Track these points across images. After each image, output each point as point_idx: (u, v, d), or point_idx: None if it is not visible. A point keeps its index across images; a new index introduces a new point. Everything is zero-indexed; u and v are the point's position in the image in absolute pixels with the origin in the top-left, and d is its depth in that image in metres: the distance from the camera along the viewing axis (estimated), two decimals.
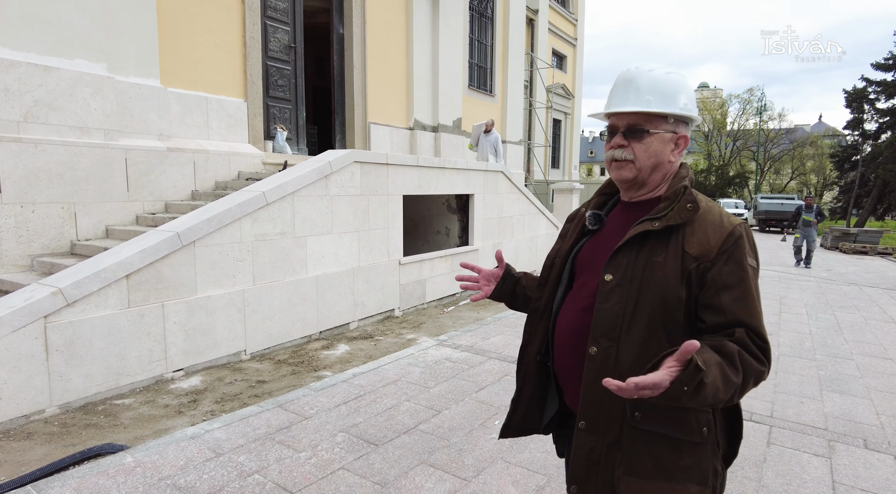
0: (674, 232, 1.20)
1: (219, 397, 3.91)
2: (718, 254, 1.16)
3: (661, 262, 1.18)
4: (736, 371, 1.07)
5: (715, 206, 1.26)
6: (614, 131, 1.29)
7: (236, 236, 4.63)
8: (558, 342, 1.36)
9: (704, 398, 1.02)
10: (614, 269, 1.23)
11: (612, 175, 1.32)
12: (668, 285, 1.17)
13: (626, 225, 1.29)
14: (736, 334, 1.12)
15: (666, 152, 1.27)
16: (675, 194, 1.25)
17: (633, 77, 1.28)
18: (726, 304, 1.14)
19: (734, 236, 1.18)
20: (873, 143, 28.72)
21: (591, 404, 1.23)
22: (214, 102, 6.57)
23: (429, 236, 8.69)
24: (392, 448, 3.07)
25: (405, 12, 9.84)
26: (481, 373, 4.38)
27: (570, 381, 1.34)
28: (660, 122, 1.25)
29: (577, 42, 20.79)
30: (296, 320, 5.21)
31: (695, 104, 1.32)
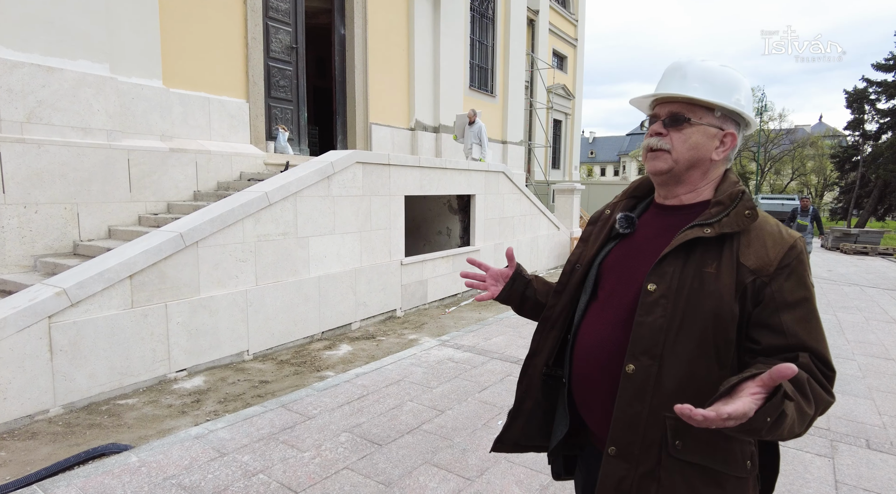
0: (727, 241, 1.09)
1: (222, 397, 3.92)
2: (779, 268, 1.05)
3: (713, 273, 1.07)
4: (808, 402, 0.95)
5: (771, 217, 1.14)
6: (655, 120, 1.20)
7: (239, 236, 4.64)
8: (581, 357, 1.23)
9: (780, 432, 0.91)
10: (659, 278, 1.10)
11: (647, 167, 1.22)
12: (722, 298, 1.05)
13: (664, 231, 1.18)
14: (800, 359, 1.01)
15: (708, 148, 1.16)
16: (731, 198, 1.13)
17: (683, 65, 1.19)
18: (788, 325, 1.03)
19: (796, 250, 1.07)
20: (874, 143, 28.75)
21: (626, 428, 1.10)
22: (216, 102, 6.58)
23: (430, 236, 8.69)
24: (395, 447, 3.08)
25: (406, 13, 9.86)
26: (483, 373, 4.38)
27: (594, 400, 1.21)
28: (704, 113, 1.15)
29: (578, 43, 20.80)
30: (298, 320, 5.22)
31: (752, 107, 1.20)
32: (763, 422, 0.86)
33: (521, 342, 5.31)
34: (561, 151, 21.09)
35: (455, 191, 7.58)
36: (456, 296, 7.70)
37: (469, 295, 7.90)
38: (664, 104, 1.19)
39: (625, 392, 1.10)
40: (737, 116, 1.17)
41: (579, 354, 1.23)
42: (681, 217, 1.18)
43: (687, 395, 1.04)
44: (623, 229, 1.26)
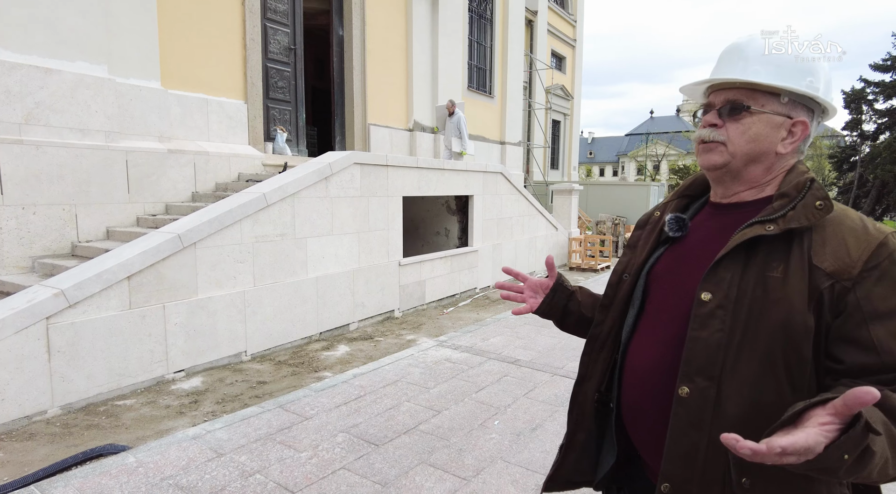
0: (795, 238, 0.93)
1: (220, 397, 3.94)
2: (865, 270, 0.87)
3: (780, 278, 0.91)
4: None
5: (852, 209, 0.97)
6: (709, 109, 1.05)
7: (237, 237, 4.65)
8: (630, 380, 1.09)
9: (868, 473, 0.74)
10: (714, 286, 0.95)
11: (700, 161, 1.06)
12: (792, 308, 0.89)
13: (721, 232, 1.02)
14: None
15: (773, 140, 1.00)
16: (797, 188, 0.97)
17: (742, 45, 1.03)
18: (880, 339, 0.85)
19: (888, 247, 0.89)
20: (872, 143, 28.82)
21: (681, 461, 0.95)
22: (214, 103, 6.59)
23: (428, 237, 8.71)
24: (392, 448, 3.09)
25: (405, 14, 9.88)
26: (481, 374, 4.40)
27: (645, 429, 1.07)
28: (768, 100, 0.99)
29: (577, 43, 20.83)
30: (296, 321, 5.23)
31: (830, 90, 1.03)
32: (839, 460, 0.70)
33: (519, 343, 5.32)
34: (560, 151, 21.12)
35: (453, 192, 7.60)
36: (454, 297, 7.72)
37: (467, 296, 7.92)
38: (720, 91, 1.04)
39: (678, 420, 0.95)
40: (809, 102, 1.00)
41: (628, 377, 1.09)
42: (740, 216, 1.02)
43: (753, 423, 0.88)
44: (673, 232, 1.10)
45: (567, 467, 1.21)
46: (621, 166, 67.62)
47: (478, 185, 8.11)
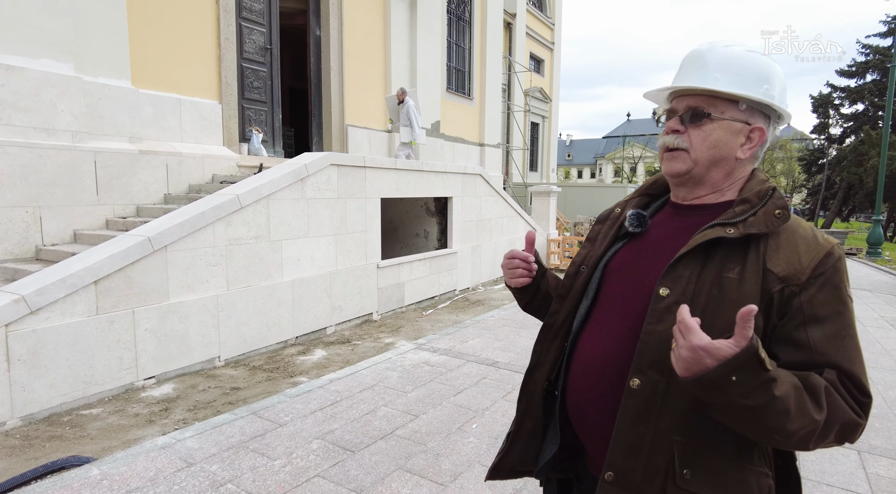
0: (752, 243, 0.97)
1: (191, 405, 3.83)
2: (812, 277, 0.92)
3: (735, 279, 0.94)
4: (818, 407, 0.84)
5: (803, 220, 1.03)
6: (672, 116, 1.08)
7: (210, 240, 4.55)
8: (579, 369, 1.11)
9: (768, 416, 0.82)
10: (673, 282, 0.98)
11: (664, 168, 1.10)
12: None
13: (681, 231, 1.06)
14: (825, 374, 0.89)
15: (732, 145, 1.03)
16: (759, 196, 1.01)
17: (703, 53, 1.06)
18: (815, 340, 0.91)
19: (833, 257, 0.94)
20: (838, 147, 29.67)
21: (627, 451, 0.97)
22: (188, 103, 6.45)
23: (407, 238, 8.66)
24: (368, 454, 3.04)
25: (383, 15, 9.82)
26: (459, 377, 4.37)
27: (591, 419, 1.09)
28: (728, 107, 1.03)
29: (555, 46, 21.01)
30: (271, 325, 5.14)
31: (785, 97, 1.07)
32: (725, 378, 0.79)
33: (498, 345, 5.31)
34: (538, 153, 21.26)
35: (432, 193, 7.56)
36: (433, 299, 7.68)
37: (446, 297, 7.89)
38: (682, 97, 1.07)
39: (627, 411, 0.97)
40: (766, 108, 1.05)
41: (576, 366, 1.11)
42: (700, 217, 1.06)
43: (699, 416, 0.93)
44: (633, 227, 1.13)
45: (513, 455, 1.22)
46: (599, 168, 68.43)
47: (457, 186, 8.10)
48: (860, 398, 0.89)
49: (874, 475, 2.96)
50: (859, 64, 27.89)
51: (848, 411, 0.87)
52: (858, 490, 2.80)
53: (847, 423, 0.87)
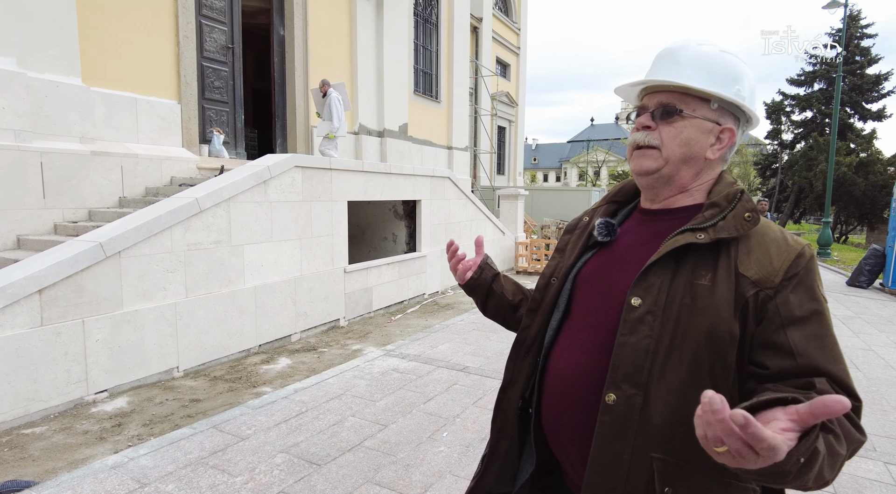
0: (723, 248, 0.94)
1: (147, 419, 3.63)
2: (785, 279, 0.90)
3: (708, 286, 0.91)
4: (839, 440, 0.76)
5: (773, 222, 1.01)
6: (643, 112, 1.05)
7: (167, 245, 4.34)
8: (552, 385, 1.06)
9: (807, 479, 0.72)
10: (644, 291, 0.94)
11: (632, 166, 1.06)
12: (719, 316, 0.89)
13: (650, 238, 1.03)
14: (817, 385, 0.83)
15: (703, 145, 1.01)
16: (728, 199, 0.99)
17: (676, 49, 1.04)
18: (797, 343, 0.87)
19: (805, 257, 0.92)
20: (790, 152, 31.01)
21: (605, 471, 0.93)
22: (144, 103, 6.18)
23: (375, 242, 8.54)
24: (335, 467, 2.93)
25: (349, 16, 9.68)
26: (429, 383, 4.29)
27: (567, 436, 1.04)
28: (699, 105, 1.00)
29: (521, 51, 21.21)
30: (233, 333, 4.95)
31: (754, 100, 1.05)
32: (795, 464, 0.66)
33: (468, 349, 5.26)
34: (505, 157, 21.41)
35: (400, 196, 7.47)
36: (402, 303, 7.58)
37: (416, 302, 7.80)
38: (654, 94, 1.04)
39: (604, 427, 0.93)
40: (736, 110, 1.03)
41: (550, 382, 1.06)
42: (669, 223, 1.03)
43: (678, 432, 0.89)
44: (602, 236, 1.10)
45: (489, 478, 1.16)
46: (564, 172, 69.54)
47: (426, 189, 8.03)
48: (854, 403, 0.84)
49: None
50: (808, 74, 29.24)
51: (855, 433, 0.80)
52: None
53: (856, 447, 0.81)
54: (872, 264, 9.75)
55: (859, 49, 27.45)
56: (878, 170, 24.49)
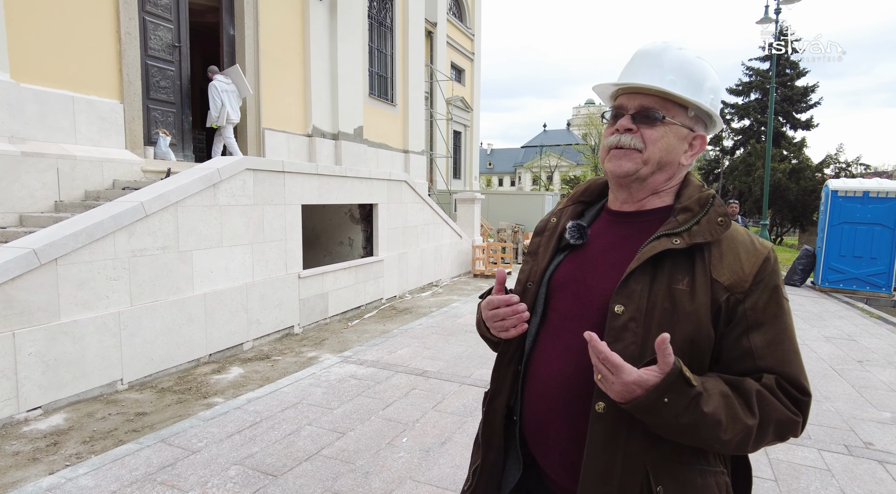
0: (697, 252, 0.96)
1: (87, 436, 3.42)
2: (754, 283, 0.93)
3: (686, 291, 0.93)
4: (750, 413, 0.87)
5: (738, 225, 1.03)
6: (621, 113, 1.04)
7: (110, 251, 4.12)
8: (534, 391, 1.06)
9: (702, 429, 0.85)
10: (626, 298, 0.95)
11: (610, 167, 1.05)
12: (700, 322, 0.92)
13: (622, 241, 1.05)
14: (763, 378, 0.91)
15: (679, 151, 1.03)
16: (700, 203, 1.00)
17: (658, 51, 1.03)
18: (757, 346, 0.92)
19: (771, 262, 0.96)
20: (730, 158, 32.69)
21: (599, 479, 0.93)
22: (83, 102, 5.86)
23: (331, 247, 8.40)
24: (292, 477, 2.85)
25: (301, 17, 9.52)
26: (388, 389, 4.25)
27: (551, 443, 1.04)
28: (678, 111, 1.02)
29: (475, 56, 21.44)
30: (181, 342, 4.74)
31: (719, 106, 1.08)
32: (658, 402, 0.83)
33: (427, 353, 5.25)
34: (461, 161, 21.54)
35: (357, 200, 7.38)
36: (359, 308, 7.48)
37: (373, 307, 7.72)
38: (633, 96, 1.03)
39: (595, 436, 0.94)
40: (707, 118, 1.06)
41: (532, 387, 1.06)
42: (640, 225, 1.05)
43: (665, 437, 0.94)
44: (574, 239, 1.10)
45: (479, 490, 1.15)
46: (518, 177, 70.68)
47: (382, 193, 7.97)
48: (798, 396, 0.92)
49: (776, 460, 3.20)
50: (745, 84, 30.90)
51: (782, 410, 0.90)
52: (763, 476, 3.00)
53: (782, 421, 0.90)
54: (805, 264, 10.38)
55: (789, 62, 29.24)
56: (808, 176, 26.17)
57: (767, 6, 15.04)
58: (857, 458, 3.24)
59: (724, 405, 0.86)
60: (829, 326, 6.92)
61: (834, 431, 3.63)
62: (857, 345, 6.00)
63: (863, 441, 3.49)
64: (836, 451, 3.32)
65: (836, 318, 7.47)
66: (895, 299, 9.18)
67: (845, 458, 3.23)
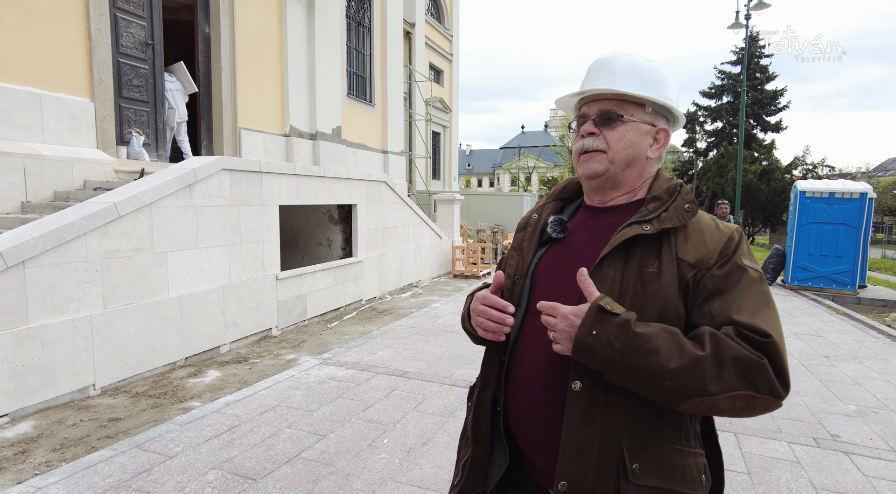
0: (665, 238, 1.02)
1: (58, 443, 3.33)
2: (718, 260, 1.00)
3: (655, 273, 1.00)
4: (698, 345, 0.90)
5: (706, 213, 1.10)
6: (584, 120, 1.13)
7: (81, 253, 4.02)
8: (518, 381, 1.10)
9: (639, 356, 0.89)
10: (600, 282, 1.01)
11: (581, 170, 1.13)
12: (667, 299, 0.98)
13: (600, 233, 1.10)
14: (722, 330, 0.94)
15: (643, 146, 1.10)
16: (668, 192, 1.07)
17: (609, 59, 1.12)
18: (715, 308, 0.96)
19: (734, 240, 1.02)
20: (704, 159, 33.40)
21: (577, 456, 0.97)
22: (51, 100, 5.70)
23: (309, 248, 8.32)
24: (272, 480, 2.82)
25: (279, 16, 9.42)
26: (368, 390, 4.24)
27: (532, 428, 1.08)
28: (636, 109, 1.09)
29: (453, 57, 21.48)
30: (157, 346, 4.65)
31: (679, 102, 1.15)
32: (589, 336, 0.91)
33: (407, 354, 5.24)
34: (440, 162, 21.56)
35: (335, 200, 7.34)
36: (338, 310, 7.43)
37: (353, 308, 7.68)
38: (593, 103, 1.12)
39: (572, 414, 0.98)
40: (666, 112, 1.13)
41: (516, 377, 1.10)
42: (617, 218, 1.10)
43: (641, 410, 0.98)
44: (556, 233, 1.16)
45: (470, 483, 1.16)
46: (497, 178, 71.03)
47: (361, 194, 7.93)
48: (758, 339, 0.90)
49: (748, 453, 3.28)
50: (717, 87, 31.62)
51: (738, 348, 0.89)
52: (736, 469, 3.08)
53: (741, 359, 0.88)
54: (775, 263, 10.66)
55: (759, 67, 30.01)
56: (778, 177, 26.91)
57: (738, 12, 15.43)
58: (825, 450, 3.35)
59: (665, 336, 0.90)
60: (798, 323, 7.13)
61: (803, 424, 3.74)
62: (825, 341, 6.20)
63: (830, 433, 3.61)
64: (806, 444, 3.43)
65: (805, 315, 7.70)
66: (859, 296, 9.50)
67: (814, 450, 3.34)
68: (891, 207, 34.64)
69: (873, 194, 9.74)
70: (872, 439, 3.53)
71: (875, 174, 42.88)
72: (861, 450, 3.36)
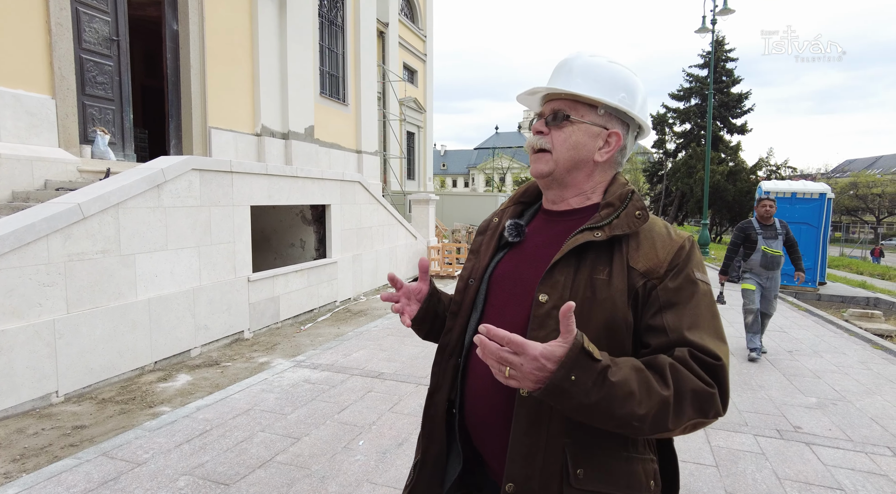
0: (616, 244, 1.03)
1: (17, 454, 3.21)
2: (668, 269, 0.99)
3: (605, 280, 0.99)
4: (664, 384, 0.89)
5: (658, 218, 1.10)
6: (539, 119, 1.14)
7: (43, 256, 3.89)
8: (473, 384, 1.10)
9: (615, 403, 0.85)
10: (550, 288, 1.01)
11: (530, 170, 1.14)
12: (615, 307, 0.97)
13: (555, 237, 1.10)
14: (676, 352, 0.93)
15: (591, 148, 1.09)
16: (621, 199, 1.07)
17: (570, 59, 1.12)
18: (668, 322, 0.96)
19: (685, 249, 1.02)
20: (673, 160, 34.17)
21: (523, 460, 0.98)
22: (8, 96, 5.49)
23: (282, 249, 8.21)
24: (245, 485, 2.78)
25: (249, 13, 9.26)
26: (343, 392, 4.21)
27: (486, 431, 1.08)
28: (587, 111, 1.08)
29: (427, 58, 21.48)
30: (124, 350, 4.53)
31: (644, 108, 1.14)
32: (566, 380, 0.83)
33: (383, 355, 5.22)
34: (415, 162, 21.53)
35: (308, 201, 7.26)
36: (312, 312, 7.36)
37: (327, 310, 7.61)
38: (550, 101, 1.13)
39: (520, 419, 0.99)
40: (625, 116, 1.11)
41: (471, 381, 1.11)
42: (571, 222, 1.11)
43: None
44: (512, 237, 1.16)
45: (423, 485, 1.17)
46: (472, 178, 71.30)
47: (335, 194, 7.87)
48: (710, 362, 0.92)
49: (717, 447, 3.38)
50: (685, 89, 32.40)
51: (695, 381, 0.90)
52: (705, 462, 3.17)
53: (697, 392, 0.89)
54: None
55: (725, 70, 30.85)
56: (744, 178, 27.72)
57: (704, 17, 15.85)
58: (788, 441, 3.47)
59: (636, 378, 0.87)
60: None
61: (767, 417, 3.87)
62: (788, 336, 6.42)
63: (792, 425, 3.75)
64: (770, 435, 3.55)
65: None
66: (819, 293, 9.87)
67: (777, 442, 3.46)
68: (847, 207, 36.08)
69: (832, 195, 10.14)
70: (831, 429, 3.68)
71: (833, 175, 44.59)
72: (821, 441, 3.49)
